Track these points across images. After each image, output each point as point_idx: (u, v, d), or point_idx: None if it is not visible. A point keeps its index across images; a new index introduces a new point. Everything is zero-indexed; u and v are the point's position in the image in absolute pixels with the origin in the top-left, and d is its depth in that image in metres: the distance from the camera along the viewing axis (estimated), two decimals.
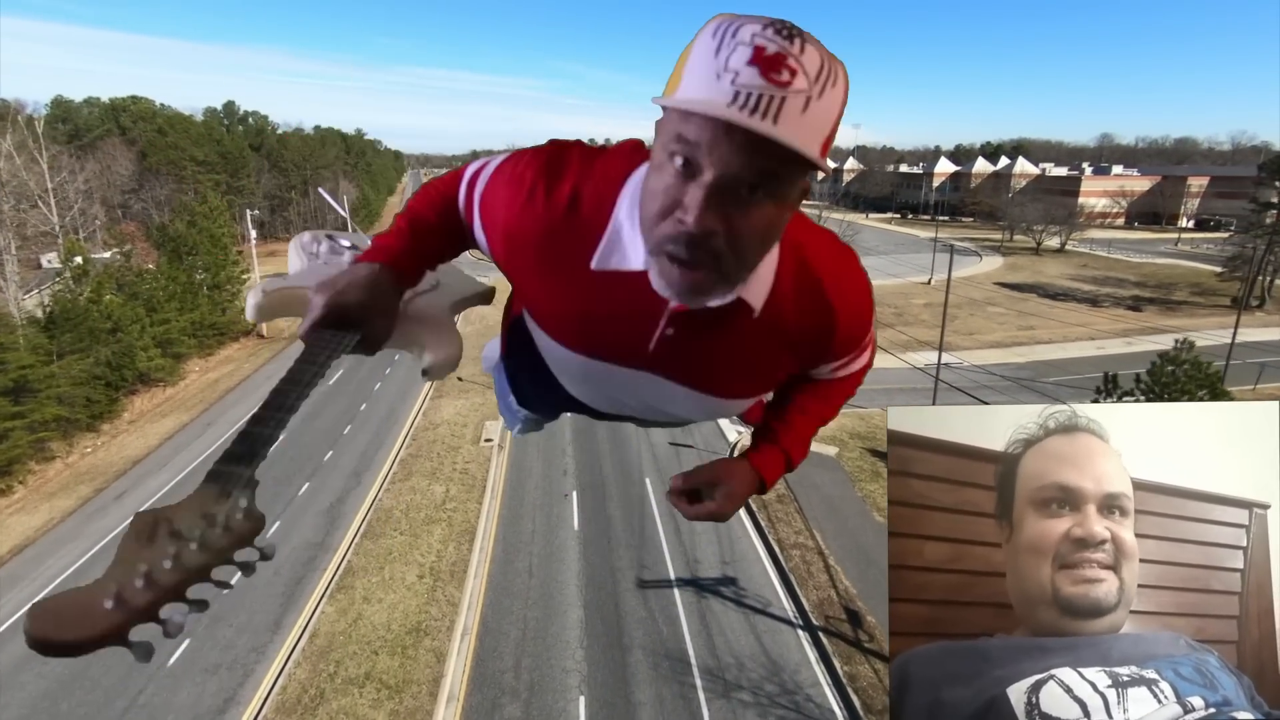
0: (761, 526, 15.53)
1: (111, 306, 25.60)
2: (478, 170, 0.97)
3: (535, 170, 0.86)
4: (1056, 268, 51.45)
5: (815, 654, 11.69)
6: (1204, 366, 14.65)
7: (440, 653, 11.95)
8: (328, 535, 15.72)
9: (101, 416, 23.52)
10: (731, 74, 0.62)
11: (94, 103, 61.74)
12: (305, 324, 0.85)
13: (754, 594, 13.30)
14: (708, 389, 0.95)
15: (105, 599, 0.48)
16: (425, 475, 18.66)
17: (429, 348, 1.02)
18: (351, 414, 22.69)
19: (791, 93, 0.61)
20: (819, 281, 0.86)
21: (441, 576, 14.11)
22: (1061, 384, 25.35)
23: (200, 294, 32.17)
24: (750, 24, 0.63)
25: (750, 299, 0.81)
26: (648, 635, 12.27)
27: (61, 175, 35.43)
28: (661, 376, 0.93)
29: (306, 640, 12.24)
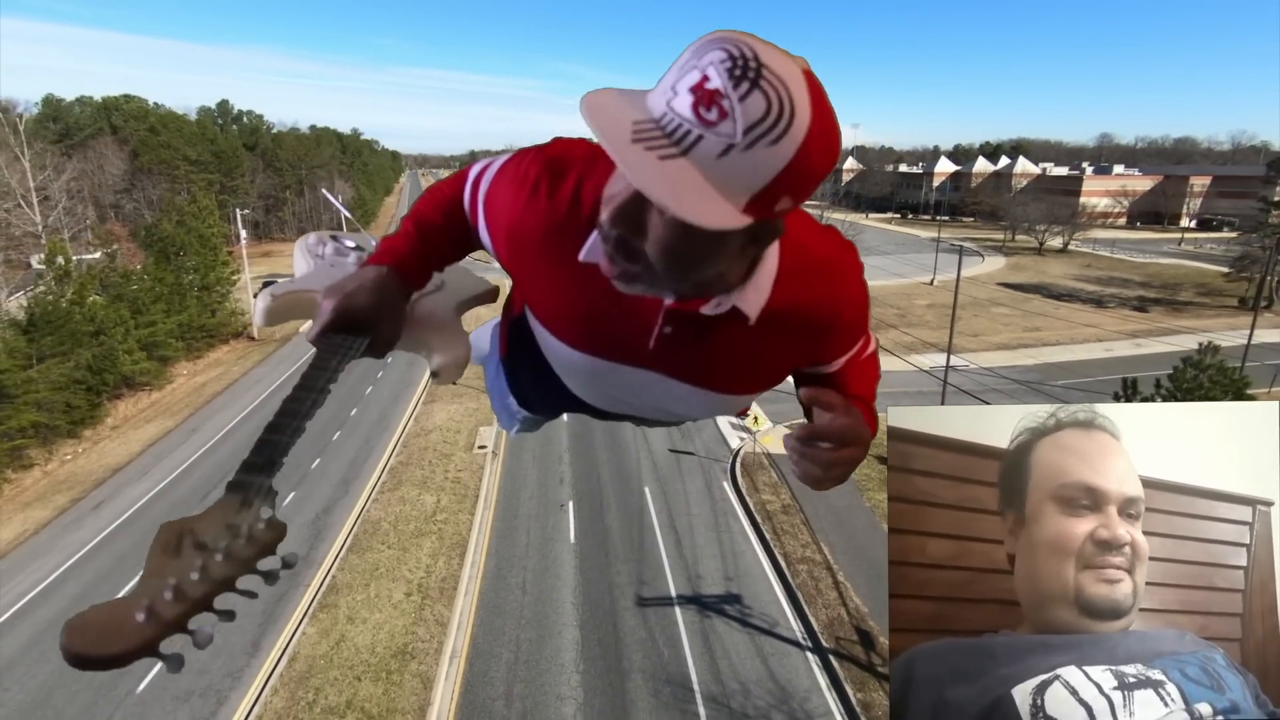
0: (766, 539, 14.84)
1: (94, 308, 24.86)
2: (482, 170, 0.98)
3: (538, 168, 0.86)
4: (1060, 268, 50.95)
5: (825, 679, 11.00)
6: (1229, 371, 14.00)
7: (427, 678, 11.24)
8: (312, 549, 15.01)
9: (83, 422, 22.79)
10: (673, 94, 0.60)
11: (86, 101, 60.97)
12: (314, 328, 0.85)
13: (759, 613, 12.60)
14: (710, 386, 0.94)
15: (137, 612, 0.50)
16: (416, 484, 17.95)
17: (437, 350, 1.04)
18: (341, 419, 21.97)
19: (711, 134, 0.58)
20: (821, 282, 0.85)
21: (430, 594, 13.40)
22: (1071, 387, 24.69)
23: (189, 295, 31.41)
24: (719, 51, 0.59)
25: (745, 308, 0.81)
26: (648, 658, 11.58)
27: (46, 173, 34.62)
28: (664, 374, 0.92)
29: (285, 664, 11.52)
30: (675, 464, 18.71)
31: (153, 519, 16.71)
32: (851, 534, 14.98)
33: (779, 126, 0.58)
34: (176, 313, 29.65)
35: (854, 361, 1.01)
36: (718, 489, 17.38)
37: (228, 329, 33.53)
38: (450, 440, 20.68)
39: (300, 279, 1.14)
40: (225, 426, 22.58)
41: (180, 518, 0.58)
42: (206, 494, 17.79)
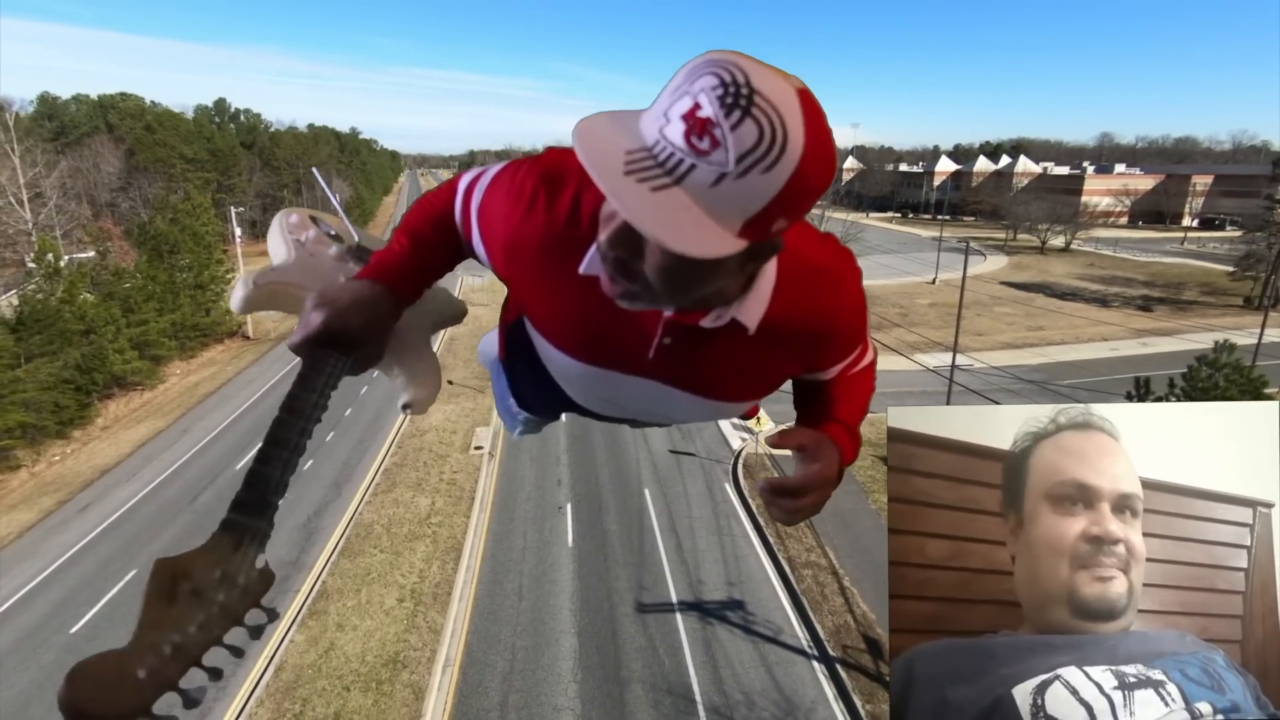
0: (770, 543, 14.44)
1: (85, 307, 24.43)
2: (473, 181, 0.97)
3: (534, 181, 0.85)
4: (1062, 267, 50.61)
5: (833, 689, 10.59)
6: (1246, 370, 13.60)
7: (419, 688, 10.83)
8: (303, 553, 14.59)
9: (71, 422, 22.35)
10: (665, 121, 0.60)
11: (82, 100, 60.54)
12: (299, 337, 0.83)
13: (763, 619, 12.19)
14: (709, 394, 0.94)
15: (139, 668, 0.51)
16: (410, 486, 17.53)
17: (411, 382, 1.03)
18: (335, 419, 21.55)
19: (704, 163, 0.58)
20: (819, 290, 0.85)
21: (423, 600, 12.98)
22: (1079, 386, 24.28)
23: (182, 294, 30.94)
24: (710, 76, 0.58)
25: (744, 319, 0.81)
26: (647, 667, 11.17)
27: (36, 169, 34.18)
28: (663, 383, 0.92)
29: (271, 674, 11.11)
30: (676, 465, 18.31)
31: (140, 522, 16.30)
32: (857, 536, 14.58)
33: (772, 154, 0.57)
34: (170, 311, 29.20)
35: (847, 375, 1.01)
36: (719, 491, 16.97)
37: (222, 328, 33.07)
38: (446, 441, 20.27)
39: (281, 268, 1.09)
40: (217, 427, 22.16)
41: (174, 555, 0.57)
42: (196, 496, 17.39)
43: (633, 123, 0.63)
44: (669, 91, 0.61)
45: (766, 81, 0.57)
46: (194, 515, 16.33)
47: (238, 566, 0.58)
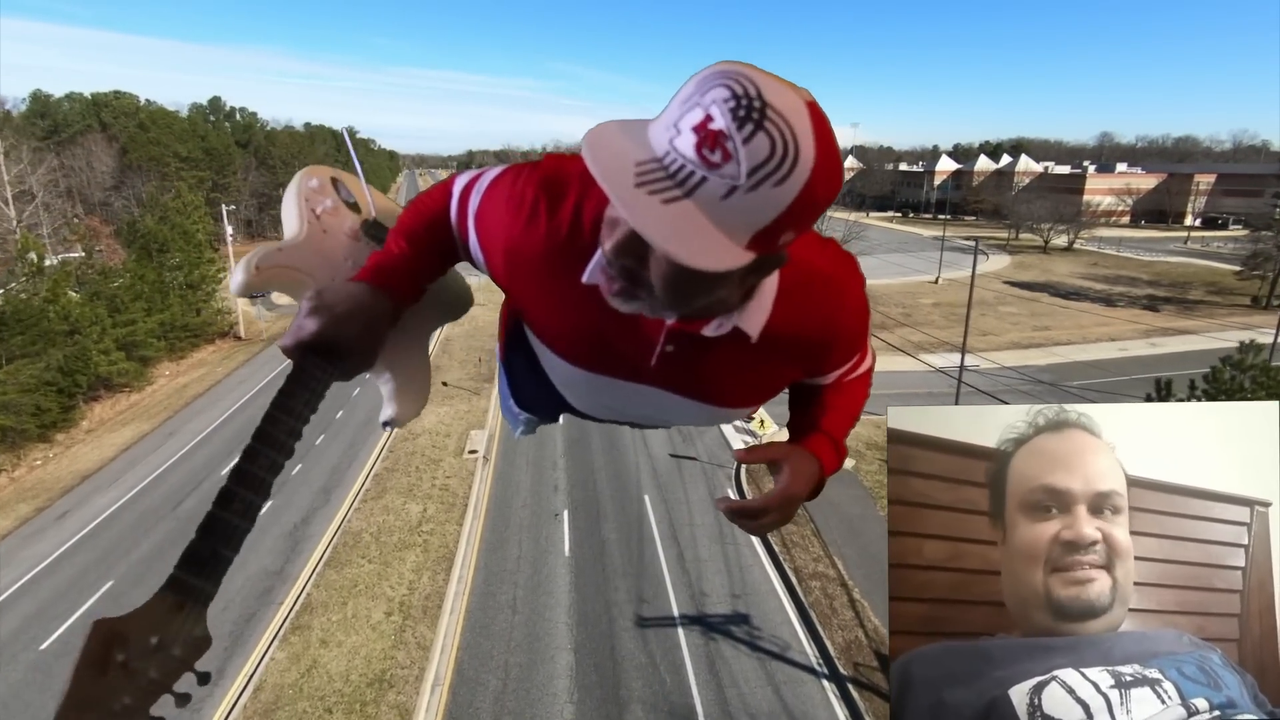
0: (775, 552, 13.82)
1: (69, 306, 23.78)
2: (469, 184, 0.94)
3: (534, 189, 0.84)
4: (1066, 266, 50.09)
5: (845, 712, 9.98)
6: (1275, 372, 13.01)
7: (406, 709, 10.21)
8: (287, 563, 13.98)
9: (54, 425, 21.73)
10: (676, 132, 0.59)
11: (75, 98, 59.82)
12: (292, 341, 0.81)
13: (770, 635, 11.58)
14: (711, 400, 0.94)
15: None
16: (401, 492, 16.91)
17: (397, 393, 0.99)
18: (326, 421, 20.91)
19: (715, 175, 0.57)
20: (822, 298, 0.85)
21: (412, 613, 12.36)
22: (1089, 387, 23.70)
23: (172, 294, 30.30)
24: (722, 88, 0.57)
25: (747, 327, 0.80)
26: (648, 686, 10.56)
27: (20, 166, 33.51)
28: (665, 390, 0.92)
29: (250, 695, 10.48)
30: (676, 470, 17.70)
31: (120, 530, 15.67)
32: (865, 545, 13.98)
33: (784, 167, 0.57)
34: (159, 311, 28.55)
35: (844, 381, 1.00)
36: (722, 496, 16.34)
37: (213, 328, 32.45)
38: (439, 444, 19.65)
39: (288, 247, 1.03)
40: (204, 430, 21.53)
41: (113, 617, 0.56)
42: (179, 503, 16.76)
43: (642, 132, 0.62)
44: (679, 102, 0.60)
45: (778, 94, 0.57)
46: (176, 522, 15.70)
47: (176, 633, 0.56)
